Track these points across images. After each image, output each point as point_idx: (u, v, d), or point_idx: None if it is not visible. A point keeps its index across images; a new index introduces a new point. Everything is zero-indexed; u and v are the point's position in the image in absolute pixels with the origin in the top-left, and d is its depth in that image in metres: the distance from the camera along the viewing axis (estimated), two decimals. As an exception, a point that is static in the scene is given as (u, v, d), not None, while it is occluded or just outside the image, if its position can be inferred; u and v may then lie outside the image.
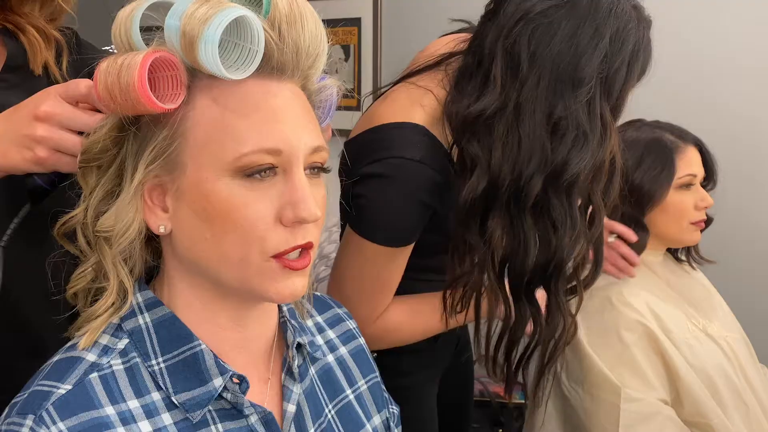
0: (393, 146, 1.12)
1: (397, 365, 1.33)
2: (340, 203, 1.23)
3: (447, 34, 1.33)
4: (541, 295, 1.20)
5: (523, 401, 2.33)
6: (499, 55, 1.07)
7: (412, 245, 1.20)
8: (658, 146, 1.50)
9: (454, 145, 1.14)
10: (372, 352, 1.29)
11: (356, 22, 2.84)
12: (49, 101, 0.79)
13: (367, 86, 2.86)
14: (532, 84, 1.06)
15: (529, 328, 1.21)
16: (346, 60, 2.90)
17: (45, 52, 0.99)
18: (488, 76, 1.09)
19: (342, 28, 2.87)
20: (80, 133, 0.78)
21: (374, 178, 1.13)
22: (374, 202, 1.14)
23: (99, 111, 0.77)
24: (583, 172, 1.08)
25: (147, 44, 0.73)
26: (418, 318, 1.27)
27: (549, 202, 1.10)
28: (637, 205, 1.49)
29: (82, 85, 0.78)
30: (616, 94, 1.12)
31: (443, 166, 1.13)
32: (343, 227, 1.30)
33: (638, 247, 1.49)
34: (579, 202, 1.12)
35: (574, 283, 1.21)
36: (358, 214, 1.16)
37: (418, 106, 1.16)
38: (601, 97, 1.09)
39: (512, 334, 1.20)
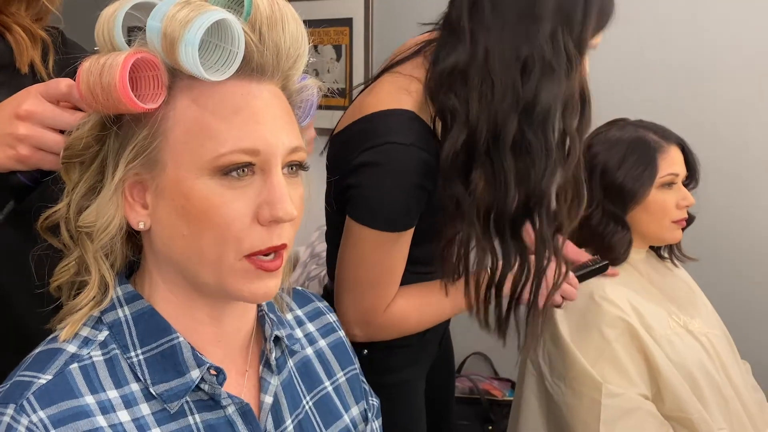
0: (384, 133, 1.15)
1: (387, 361, 1.36)
2: (326, 207, 1.24)
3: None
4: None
5: (512, 398, 2.35)
6: (465, 12, 1.13)
7: (412, 230, 1.22)
8: (641, 146, 1.52)
9: (437, 117, 1.17)
10: (363, 348, 1.32)
11: (348, 22, 2.85)
12: (30, 100, 0.80)
13: (358, 86, 2.87)
14: (497, 29, 1.11)
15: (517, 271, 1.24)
16: (338, 60, 2.91)
17: (31, 50, 1.00)
18: (459, 37, 1.13)
19: (334, 28, 2.89)
20: (62, 131, 0.80)
21: (368, 166, 1.15)
22: (371, 190, 1.16)
23: (80, 110, 0.79)
24: (554, 104, 1.12)
25: (129, 44, 0.74)
26: (426, 302, 1.28)
27: (526, 139, 1.13)
28: (619, 204, 1.51)
29: (62, 84, 0.79)
30: (578, 27, 1.15)
31: (434, 149, 1.16)
32: (329, 225, 1.32)
33: (621, 245, 1.51)
34: (555, 136, 1.15)
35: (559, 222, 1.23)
36: (356, 203, 1.18)
37: (404, 92, 1.18)
38: (563, 31, 1.13)
39: (501, 275, 1.22)
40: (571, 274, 1.36)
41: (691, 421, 1.39)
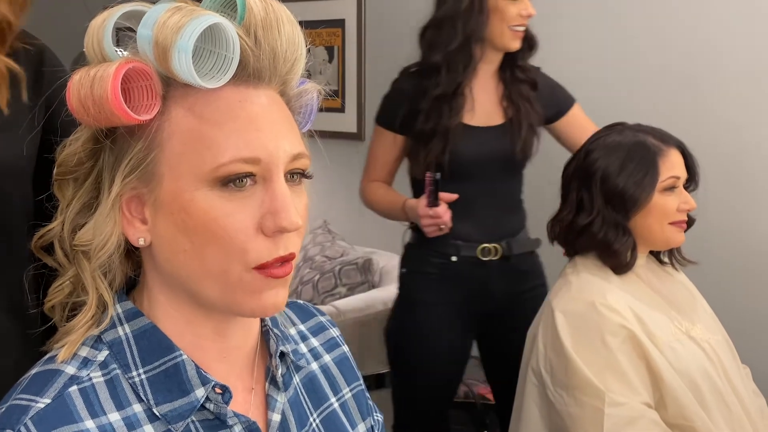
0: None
1: (413, 281, 1.99)
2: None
3: None
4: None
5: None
6: None
7: (395, 135, 1.92)
8: (641, 150, 1.50)
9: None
10: (402, 268, 1.98)
11: (340, 23, 2.83)
12: None
13: (351, 87, 2.85)
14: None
15: None
16: (330, 61, 2.89)
17: (5, 91, 0.98)
18: None
19: (326, 29, 2.87)
20: None
21: None
22: None
23: None
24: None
25: (118, 46, 0.71)
26: (386, 196, 1.96)
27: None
28: (620, 210, 1.49)
29: None
30: None
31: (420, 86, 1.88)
32: None
33: (621, 252, 1.50)
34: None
35: None
36: None
37: None
38: None
39: None
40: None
41: (694, 429, 1.38)
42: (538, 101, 1.93)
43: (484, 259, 1.90)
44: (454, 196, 1.79)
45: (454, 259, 1.90)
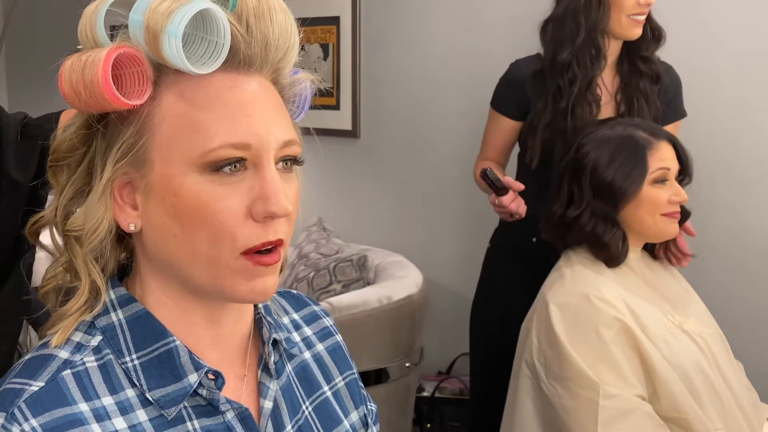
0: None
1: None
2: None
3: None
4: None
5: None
6: None
7: (507, 123, 1.97)
8: (630, 143, 1.51)
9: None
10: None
11: (335, 20, 2.83)
12: None
13: (346, 85, 2.85)
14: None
15: None
16: (325, 59, 2.88)
17: None
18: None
19: (320, 26, 2.86)
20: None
21: None
22: None
23: None
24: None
25: (112, 40, 0.72)
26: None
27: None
28: (609, 202, 1.50)
29: None
30: None
31: (531, 76, 1.91)
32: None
33: (615, 243, 1.50)
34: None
35: None
36: None
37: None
38: None
39: None
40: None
41: (687, 421, 1.38)
42: (659, 97, 1.87)
43: None
44: (521, 186, 1.78)
45: (534, 240, 1.92)
